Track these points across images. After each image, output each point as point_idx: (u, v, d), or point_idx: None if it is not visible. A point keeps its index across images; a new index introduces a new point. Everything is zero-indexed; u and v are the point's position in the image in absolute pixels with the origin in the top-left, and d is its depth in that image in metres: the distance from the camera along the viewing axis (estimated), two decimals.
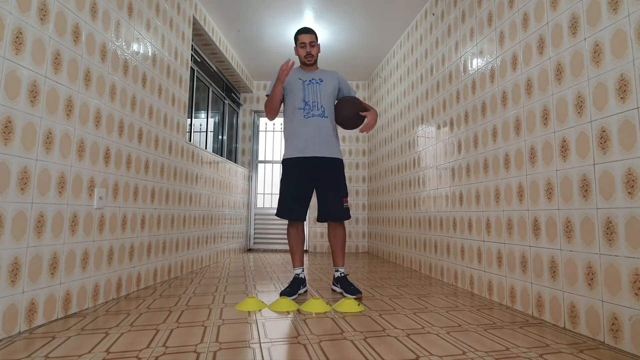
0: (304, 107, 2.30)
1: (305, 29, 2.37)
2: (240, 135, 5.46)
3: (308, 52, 2.35)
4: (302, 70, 2.41)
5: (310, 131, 2.28)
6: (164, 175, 2.72)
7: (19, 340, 1.42)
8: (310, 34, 2.35)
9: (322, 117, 2.30)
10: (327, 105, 2.33)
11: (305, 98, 2.31)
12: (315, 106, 2.30)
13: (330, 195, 2.30)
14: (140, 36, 2.43)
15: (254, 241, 5.26)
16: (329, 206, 2.30)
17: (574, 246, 1.64)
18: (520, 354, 1.35)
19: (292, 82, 2.35)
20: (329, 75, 2.41)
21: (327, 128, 2.31)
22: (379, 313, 1.88)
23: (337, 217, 2.30)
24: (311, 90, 2.32)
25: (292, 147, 2.31)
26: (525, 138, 1.99)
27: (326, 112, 2.32)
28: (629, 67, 1.43)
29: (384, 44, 4.27)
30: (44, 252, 1.63)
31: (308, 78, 2.36)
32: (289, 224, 2.36)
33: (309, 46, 2.35)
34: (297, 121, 2.31)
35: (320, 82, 2.35)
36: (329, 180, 2.30)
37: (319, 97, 2.32)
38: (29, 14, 1.56)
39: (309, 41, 2.34)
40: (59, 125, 1.71)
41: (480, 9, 2.49)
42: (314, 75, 2.38)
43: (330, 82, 2.38)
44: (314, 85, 2.34)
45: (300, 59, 2.41)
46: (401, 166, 3.88)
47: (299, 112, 2.30)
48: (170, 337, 1.47)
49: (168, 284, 2.60)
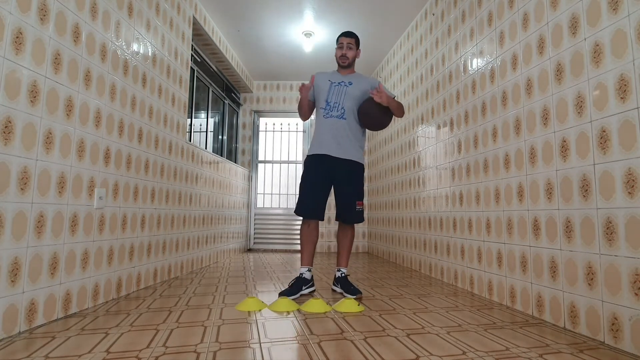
0: (325, 107, 2.35)
1: (347, 32, 2.42)
2: (240, 135, 5.46)
3: (343, 54, 2.38)
4: (337, 73, 2.45)
5: (326, 130, 2.32)
6: (164, 175, 2.72)
7: (19, 340, 1.42)
8: (349, 37, 2.39)
9: (340, 118, 2.32)
10: (349, 107, 2.33)
11: (328, 99, 2.35)
12: (335, 107, 2.33)
13: (344, 196, 2.33)
14: (140, 36, 2.43)
15: (254, 241, 5.26)
16: (341, 207, 2.34)
17: (574, 246, 1.64)
18: (520, 354, 1.35)
19: (322, 83, 2.39)
20: (362, 80, 2.42)
21: (345, 129, 2.32)
22: (379, 313, 1.88)
23: (349, 219, 2.33)
24: (336, 92, 2.36)
25: (312, 144, 2.39)
26: (525, 138, 1.99)
27: (346, 113, 2.32)
28: (629, 67, 1.43)
29: (384, 44, 4.27)
30: (44, 252, 1.63)
31: (338, 80, 2.39)
32: (302, 221, 2.37)
33: (346, 48, 2.38)
34: (318, 120, 2.38)
35: (349, 84, 2.37)
36: (343, 182, 2.33)
37: (342, 99, 2.34)
38: (29, 14, 1.56)
39: (346, 42, 2.38)
40: (59, 125, 1.72)
41: (480, 9, 2.49)
42: (345, 78, 2.40)
43: (361, 86, 2.38)
44: (341, 88, 2.36)
45: (336, 59, 2.43)
46: (401, 166, 3.88)
47: (321, 111, 2.37)
48: (170, 337, 1.47)
49: (168, 284, 2.60)
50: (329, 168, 2.31)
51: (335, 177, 2.33)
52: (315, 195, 2.30)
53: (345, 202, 2.32)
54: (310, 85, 2.35)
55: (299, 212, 2.32)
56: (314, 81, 2.39)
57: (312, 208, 2.29)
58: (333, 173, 2.32)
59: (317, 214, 2.30)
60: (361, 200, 2.35)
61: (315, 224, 2.35)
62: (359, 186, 2.36)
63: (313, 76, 2.39)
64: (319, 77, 2.43)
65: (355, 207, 2.32)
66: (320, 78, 2.42)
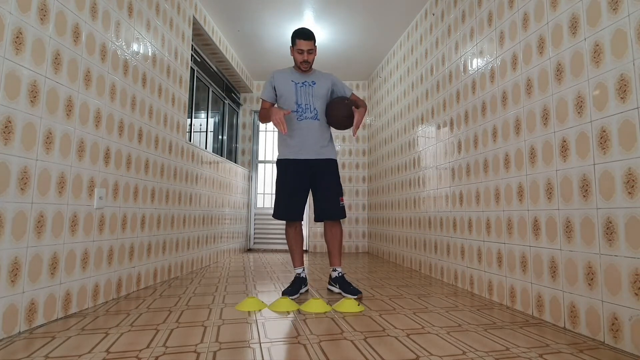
0: (297, 109, 2.31)
1: (305, 34, 2.26)
2: (240, 135, 5.46)
3: (305, 60, 2.29)
4: (296, 72, 2.39)
5: (303, 134, 2.30)
6: (164, 175, 2.72)
7: (19, 340, 1.42)
8: (309, 41, 2.26)
9: (314, 119, 2.32)
10: (320, 107, 2.34)
11: (297, 100, 2.32)
12: (307, 109, 2.31)
13: (326, 194, 2.32)
14: (140, 36, 2.43)
15: (254, 241, 5.26)
16: (325, 205, 2.32)
17: (574, 246, 1.64)
18: (520, 354, 1.35)
19: (285, 84, 2.34)
20: (322, 77, 2.41)
21: (320, 130, 2.33)
22: (379, 313, 1.88)
23: (334, 215, 2.31)
24: (303, 92, 2.33)
25: (286, 148, 2.34)
26: (525, 138, 1.99)
27: (319, 114, 2.33)
28: (629, 67, 1.43)
29: (384, 44, 4.27)
30: (44, 252, 1.63)
31: (301, 80, 2.35)
32: (286, 225, 2.37)
33: (307, 54, 2.28)
34: (291, 123, 2.31)
35: (313, 84, 2.35)
36: (323, 181, 2.32)
37: (311, 100, 2.32)
38: (29, 14, 1.56)
39: (307, 49, 2.27)
40: (59, 125, 1.71)
41: (480, 9, 2.49)
42: (307, 77, 2.37)
43: (324, 84, 2.37)
44: (307, 88, 2.34)
45: (295, 63, 2.36)
46: (401, 166, 3.88)
47: (292, 114, 2.31)
48: (170, 337, 1.47)
49: (168, 284, 2.60)
50: (307, 170, 2.30)
51: (315, 176, 2.32)
52: (298, 198, 2.30)
53: (329, 199, 2.31)
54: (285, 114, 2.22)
55: (282, 216, 2.30)
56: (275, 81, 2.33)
57: (296, 211, 2.30)
58: (312, 173, 2.32)
59: (298, 215, 2.32)
60: (342, 196, 2.35)
61: (300, 225, 2.39)
62: (338, 182, 2.37)
63: (288, 111, 2.23)
64: (279, 77, 2.35)
65: (339, 203, 2.32)
66: (281, 80, 2.34)
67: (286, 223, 2.36)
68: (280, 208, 2.31)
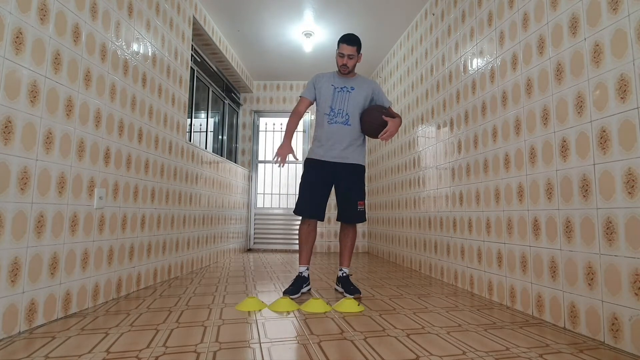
0: (329, 113, 2.35)
1: (348, 38, 2.31)
2: (240, 135, 5.46)
3: (344, 64, 2.33)
4: (337, 76, 2.42)
5: (331, 137, 2.33)
6: (164, 175, 2.72)
7: (19, 340, 1.42)
8: (351, 46, 2.29)
9: (345, 124, 2.33)
10: (353, 113, 2.35)
11: (332, 105, 2.35)
12: (340, 113, 2.33)
13: (346, 198, 2.35)
14: (140, 36, 2.43)
15: (254, 241, 5.26)
16: (344, 207, 2.36)
17: (574, 246, 1.64)
18: (520, 354, 1.35)
19: (325, 87, 2.38)
20: (363, 84, 2.41)
21: (350, 135, 2.34)
22: (379, 313, 1.88)
23: (351, 219, 2.35)
24: (339, 97, 2.35)
25: (315, 149, 2.38)
26: (525, 138, 1.99)
27: (350, 120, 2.34)
28: (629, 67, 1.43)
29: (384, 44, 4.27)
30: (44, 252, 1.63)
31: (340, 85, 2.38)
32: (301, 221, 2.38)
33: (347, 58, 2.31)
34: (322, 126, 2.37)
35: (352, 90, 2.36)
36: (346, 184, 2.35)
37: (346, 105, 2.34)
38: (29, 14, 1.56)
39: (347, 53, 2.30)
40: (59, 125, 1.71)
41: (480, 9, 2.49)
42: (347, 82, 2.39)
43: (362, 91, 2.38)
44: (344, 93, 2.36)
45: (337, 65, 2.39)
46: (401, 166, 3.88)
47: (325, 117, 2.35)
48: (170, 337, 1.47)
49: (168, 284, 2.60)
50: (331, 171, 2.33)
51: (338, 179, 2.35)
52: (317, 196, 2.32)
53: (348, 202, 2.34)
54: (291, 156, 2.35)
55: (299, 212, 2.33)
56: (289, 156, 2.35)
57: (314, 208, 2.31)
58: (336, 175, 2.34)
59: (319, 214, 2.32)
60: (363, 200, 2.37)
61: (314, 224, 2.38)
62: (361, 187, 2.39)
63: (297, 158, 2.44)
64: (321, 80, 2.41)
65: (357, 207, 2.33)
66: (323, 82, 2.39)
67: (302, 220, 2.38)
68: (302, 205, 2.33)
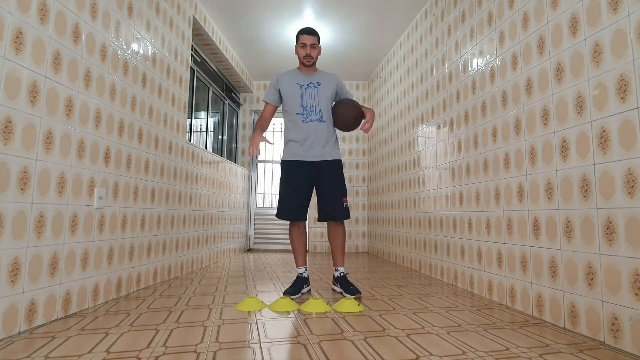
0: (302, 112, 2.31)
1: (308, 29, 2.33)
2: (240, 135, 5.46)
3: (308, 54, 2.32)
4: (300, 73, 2.39)
5: (309, 136, 2.30)
6: (164, 175, 2.72)
7: (19, 340, 1.42)
8: (312, 36, 2.31)
9: (320, 121, 2.32)
10: (325, 109, 2.34)
11: (303, 103, 2.32)
12: (313, 111, 2.31)
13: (330, 195, 2.32)
14: (140, 36, 2.43)
15: (254, 241, 5.26)
16: (329, 206, 2.32)
17: (574, 246, 1.64)
18: (520, 354, 1.35)
19: (290, 86, 2.34)
20: (327, 78, 2.40)
21: (325, 132, 2.33)
22: (379, 313, 1.88)
23: (338, 216, 2.31)
24: (309, 94, 2.33)
25: (291, 150, 2.34)
26: (525, 138, 1.99)
27: (324, 116, 2.33)
28: (629, 67, 1.43)
29: (384, 44, 4.27)
30: (44, 252, 1.63)
31: (306, 82, 2.35)
32: (290, 224, 2.37)
33: (310, 48, 2.31)
34: (296, 125, 2.32)
35: (318, 85, 2.35)
36: (328, 181, 2.32)
37: (317, 102, 2.32)
38: (29, 14, 1.56)
39: (309, 43, 2.30)
40: (59, 125, 1.71)
41: (480, 9, 2.49)
42: (312, 78, 2.37)
43: (329, 86, 2.37)
44: (312, 90, 2.34)
45: (299, 59, 2.38)
46: (401, 166, 3.88)
47: (298, 116, 2.32)
48: (170, 337, 1.47)
49: (168, 284, 2.60)
50: (312, 171, 2.31)
51: (319, 177, 2.32)
52: (301, 198, 2.31)
53: (333, 199, 2.31)
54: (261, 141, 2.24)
55: (284, 215, 2.30)
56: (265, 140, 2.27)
57: (300, 210, 2.31)
58: (317, 174, 2.32)
59: (301, 215, 2.32)
60: (346, 197, 2.35)
61: (304, 225, 2.39)
62: (342, 183, 2.36)
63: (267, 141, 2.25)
64: (283, 80, 2.36)
65: (343, 203, 2.32)
66: (285, 82, 2.35)
67: (290, 223, 2.37)
68: (284, 208, 2.31)
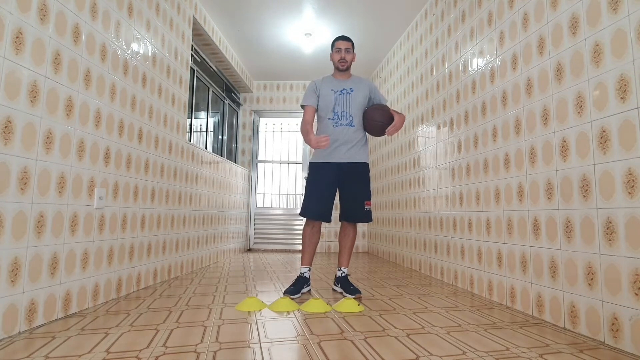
0: (333, 117, 2.36)
1: (342, 36, 2.45)
2: (240, 135, 5.46)
3: (342, 58, 2.40)
4: (334, 79, 2.45)
5: (337, 138, 2.34)
6: (164, 175, 2.72)
7: (19, 340, 1.42)
8: (346, 41, 2.43)
9: (349, 125, 2.35)
10: (356, 114, 2.38)
11: (335, 109, 2.37)
12: (344, 116, 2.36)
13: (353, 197, 2.35)
14: (140, 36, 2.43)
15: (254, 241, 5.26)
16: (350, 208, 2.36)
17: (574, 246, 1.64)
18: (520, 354, 1.35)
19: (325, 93, 2.40)
20: (360, 84, 2.44)
21: (354, 136, 2.36)
22: (379, 313, 1.88)
23: (358, 218, 2.36)
24: (341, 100, 2.38)
25: (319, 152, 2.39)
26: (525, 138, 1.99)
27: (354, 121, 2.36)
28: (629, 67, 1.43)
29: (384, 44, 4.27)
30: (44, 252, 1.63)
31: (339, 88, 2.40)
32: (306, 222, 2.39)
33: (344, 52, 2.40)
34: (326, 129, 2.38)
35: (351, 91, 2.39)
36: (352, 183, 2.36)
37: (348, 107, 2.37)
38: (29, 14, 1.56)
39: (344, 47, 2.40)
40: (59, 125, 1.71)
41: (480, 9, 2.49)
42: (345, 84, 2.42)
43: (361, 92, 2.41)
44: (345, 96, 2.38)
45: (334, 64, 2.46)
46: (401, 166, 3.88)
47: (329, 121, 2.37)
48: (170, 337, 1.47)
49: (168, 284, 2.60)
50: (338, 172, 2.35)
51: (344, 178, 2.36)
52: (324, 198, 2.33)
53: (355, 202, 2.34)
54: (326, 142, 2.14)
55: (305, 214, 2.33)
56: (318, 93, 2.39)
57: (321, 210, 2.32)
58: (341, 176, 2.35)
59: (325, 216, 2.33)
60: (369, 200, 2.37)
61: (319, 225, 2.39)
62: (367, 186, 2.39)
63: (327, 140, 2.12)
64: (321, 85, 2.42)
65: (364, 206, 2.34)
66: (323, 88, 2.41)
67: (306, 221, 2.39)
68: (309, 208, 2.34)
